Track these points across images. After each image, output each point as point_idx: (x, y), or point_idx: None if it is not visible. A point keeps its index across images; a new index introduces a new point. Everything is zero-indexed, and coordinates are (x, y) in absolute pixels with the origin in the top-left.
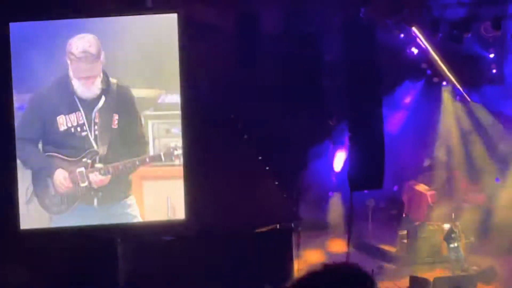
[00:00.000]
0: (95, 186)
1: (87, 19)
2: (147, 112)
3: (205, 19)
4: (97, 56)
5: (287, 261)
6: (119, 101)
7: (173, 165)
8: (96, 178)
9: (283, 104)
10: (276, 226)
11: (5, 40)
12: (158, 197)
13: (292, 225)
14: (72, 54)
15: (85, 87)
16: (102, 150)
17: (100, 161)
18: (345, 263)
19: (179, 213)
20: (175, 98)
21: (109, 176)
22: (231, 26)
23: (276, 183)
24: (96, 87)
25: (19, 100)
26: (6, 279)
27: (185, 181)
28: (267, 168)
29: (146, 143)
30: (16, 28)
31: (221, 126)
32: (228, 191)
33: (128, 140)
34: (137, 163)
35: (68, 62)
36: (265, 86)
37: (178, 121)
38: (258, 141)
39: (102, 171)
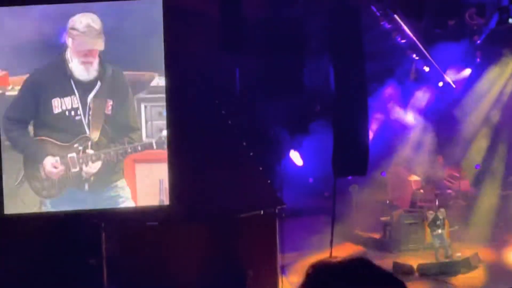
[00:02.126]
0: (90, 173)
1: (82, 3)
2: (140, 95)
3: (189, 3)
4: (100, 32)
5: (271, 246)
6: (114, 87)
7: (166, 148)
8: (87, 167)
9: (268, 89)
10: (260, 212)
11: None
12: (151, 180)
13: (276, 210)
14: (75, 29)
15: (84, 67)
16: (94, 135)
17: (91, 147)
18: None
19: None
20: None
21: (100, 162)
22: (215, 10)
23: (260, 168)
24: (94, 69)
25: (12, 82)
26: None
27: (169, 167)
28: (251, 153)
29: (139, 129)
30: (9, 11)
31: (206, 112)
32: (212, 177)
33: (120, 126)
34: (129, 150)
35: (69, 40)
36: (250, 71)
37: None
38: (242, 127)
39: (93, 158)
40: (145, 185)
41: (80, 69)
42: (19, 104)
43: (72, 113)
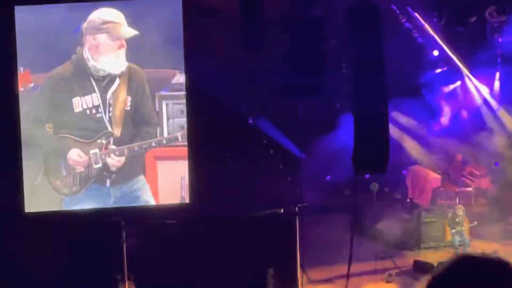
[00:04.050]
0: (113, 168)
1: (102, 1)
2: (162, 93)
3: (210, 2)
4: (125, 22)
5: (291, 244)
6: (132, 83)
7: (187, 145)
8: (112, 160)
9: (288, 88)
10: (280, 210)
11: (11, 24)
12: (172, 177)
13: (296, 209)
14: (109, 22)
15: (116, 59)
16: (117, 131)
17: (114, 143)
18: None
19: None
20: None
21: (124, 157)
22: (235, 9)
23: (281, 166)
24: (121, 62)
25: (34, 80)
26: (10, 261)
27: (189, 165)
28: (272, 151)
29: (157, 125)
30: (31, 10)
31: (226, 110)
32: (232, 175)
33: (140, 121)
34: (153, 144)
35: (98, 36)
36: (270, 69)
37: None
38: (262, 125)
39: (117, 153)
40: (167, 182)
41: (111, 62)
42: (39, 103)
43: (93, 111)
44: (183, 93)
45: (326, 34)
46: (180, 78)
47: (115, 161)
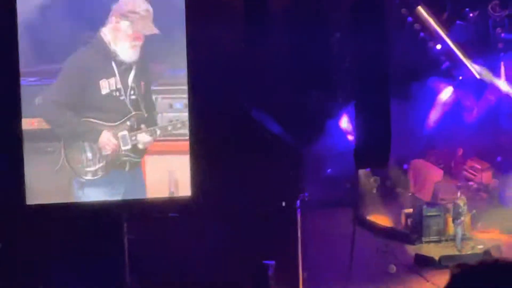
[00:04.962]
0: (146, 146)
1: None
2: (152, 87)
3: None
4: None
5: (292, 238)
6: (143, 70)
7: (177, 140)
8: (145, 139)
9: (291, 82)
10: (282, 204)
11: (12, 13)
12: (161, 172)
13: (298, 202)
14: (135, 13)
15: (134, 50)
16: (145, 113)
17: (143, 123)
18: None
19: (182, 187)
20: (180, 73)
21: (154, 136)
22: (239, 4)
23: (282, 161)
24: (135, 52)
25: (49, 69)
26: (11, 253)
27: (191, 158)
28: (273, 146)
29: (157, 113)
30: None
31: (228, 103)
32: (234, 168)
33: (150, 108)
34: (179, 126)
35: (120, 22)
36: (273, 64)
37: (182, 96)
38: (264, 119)
39: (149, 133)
40: (155, 177)
41: (129, 51)
42: (63, 88)
43: (117, 93)
44: (172, 87)
45: (330, 28)
46: (172, 72)
47: (148, 140)
